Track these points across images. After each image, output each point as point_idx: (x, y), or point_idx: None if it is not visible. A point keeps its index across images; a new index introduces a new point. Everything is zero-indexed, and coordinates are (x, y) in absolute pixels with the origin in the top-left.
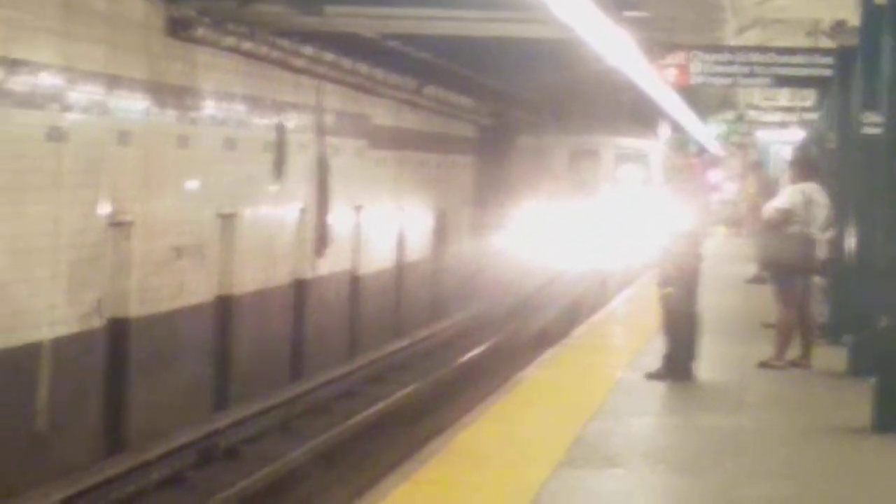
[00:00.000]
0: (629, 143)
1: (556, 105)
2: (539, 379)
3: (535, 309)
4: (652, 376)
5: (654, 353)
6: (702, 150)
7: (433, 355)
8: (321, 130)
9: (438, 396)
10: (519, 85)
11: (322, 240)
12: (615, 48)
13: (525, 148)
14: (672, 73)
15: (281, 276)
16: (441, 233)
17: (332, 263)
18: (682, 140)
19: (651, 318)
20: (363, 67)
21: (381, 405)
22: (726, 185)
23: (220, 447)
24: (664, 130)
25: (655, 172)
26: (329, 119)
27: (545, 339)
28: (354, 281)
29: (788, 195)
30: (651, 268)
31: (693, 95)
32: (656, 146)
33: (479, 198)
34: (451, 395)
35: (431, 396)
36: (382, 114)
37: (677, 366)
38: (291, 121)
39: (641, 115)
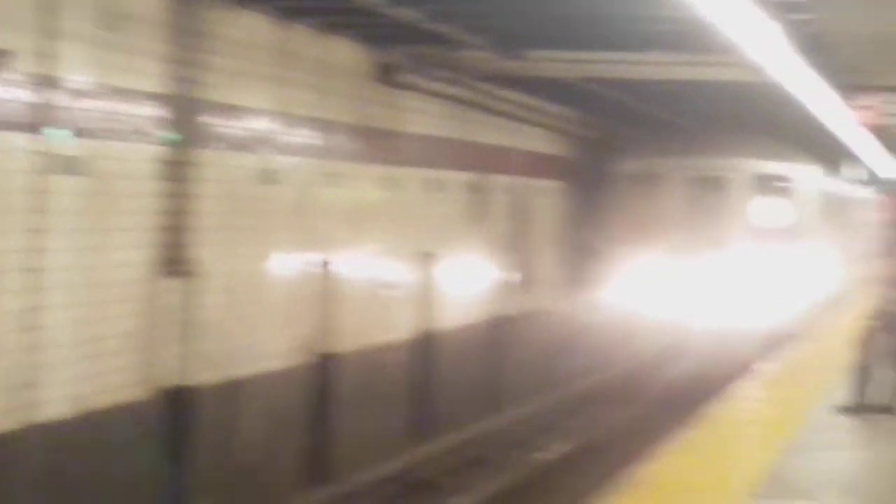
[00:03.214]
0: (770, 167)
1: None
2: (727, 413)
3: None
4: (843, 410)
5: (845, 388)
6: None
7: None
8: None
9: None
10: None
11: None
12: (808, 93)
13: (629, 175)
14: (865, 114)
15: None
16: None
17: None
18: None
19: (836, 356)
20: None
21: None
22: None
23: None
24: (825, 155)
25: (808, 207)
26: None
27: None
28: None
29: None
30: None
31: (886, 135)
32: (808, 173)
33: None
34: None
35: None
36: None
37: (882, 401)
38: None
39: (790, 132)
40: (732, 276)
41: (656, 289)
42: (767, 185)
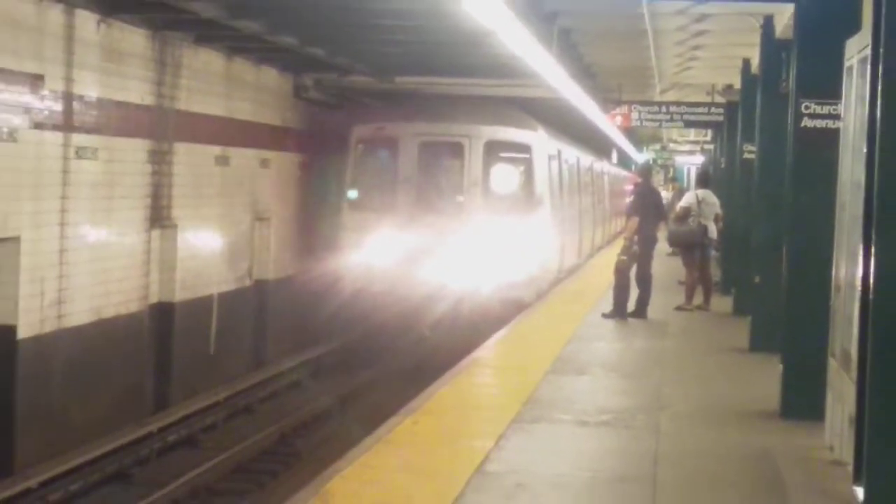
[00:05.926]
0: (505, 133)
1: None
2: (526, 321)
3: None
4: (606, 316)
5: (607, 302)
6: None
7: None
8: None
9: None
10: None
11: None
12: (583, 104)
13: (363, 140)
14: (619, 119)
15: None
16: None
17: None
18: (648, 166)
19: (601, 284)
20: None
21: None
22: None
23: None
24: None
25: (542, 173)
26: None
27: None
28: None
29: (686, 197)
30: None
31: (633, 134)
32: (542, 139)
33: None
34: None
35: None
36: None
37: (638, 309)
38: None
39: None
40: (473, 243)
41: (397, 255)
42: (504, 152)
